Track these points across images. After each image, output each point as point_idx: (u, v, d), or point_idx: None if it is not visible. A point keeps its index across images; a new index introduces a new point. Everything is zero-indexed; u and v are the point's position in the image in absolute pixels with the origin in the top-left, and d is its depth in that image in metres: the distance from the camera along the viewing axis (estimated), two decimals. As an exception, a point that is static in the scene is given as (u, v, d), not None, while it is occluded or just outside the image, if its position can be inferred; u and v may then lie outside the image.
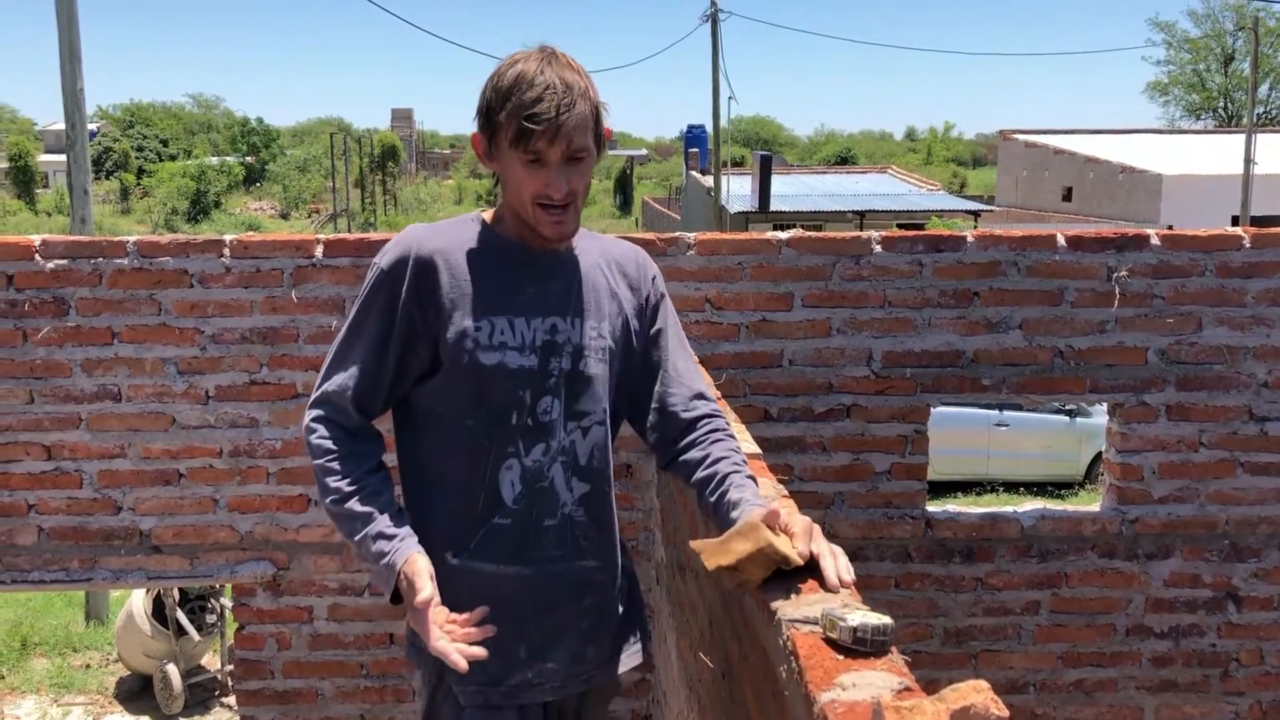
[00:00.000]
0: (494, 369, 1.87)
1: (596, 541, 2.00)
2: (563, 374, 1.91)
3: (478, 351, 1.86)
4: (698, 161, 36.15)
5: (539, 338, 1.90)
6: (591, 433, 1.96)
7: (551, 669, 1.97)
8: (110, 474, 3.53)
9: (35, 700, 6.49)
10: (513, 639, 1.91)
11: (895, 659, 1.33)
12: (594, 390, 1.95)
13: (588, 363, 1.93)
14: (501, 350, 1.87)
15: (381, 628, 3.65)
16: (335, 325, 3.45)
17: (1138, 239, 3.56)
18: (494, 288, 1.89)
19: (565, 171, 1.82)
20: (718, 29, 25.13)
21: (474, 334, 1.86)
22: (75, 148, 8.80)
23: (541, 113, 1.76)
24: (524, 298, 1.91)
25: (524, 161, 1.81)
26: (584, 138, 1.82)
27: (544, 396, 1.91)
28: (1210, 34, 52.93)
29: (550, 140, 1.78)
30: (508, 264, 1.92)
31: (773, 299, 3.53)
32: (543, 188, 1.82)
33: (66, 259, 3.43)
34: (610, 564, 2.04)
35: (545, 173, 1.81)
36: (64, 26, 8.64)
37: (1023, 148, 34.72)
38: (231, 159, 59.22)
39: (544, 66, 1.79)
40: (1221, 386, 3.61)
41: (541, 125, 1.76)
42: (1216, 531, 3.67)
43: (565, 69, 1.81)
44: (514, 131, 1.78)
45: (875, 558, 3.62)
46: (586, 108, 1.81)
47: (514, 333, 1.88)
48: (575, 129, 1.79)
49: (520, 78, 1.78)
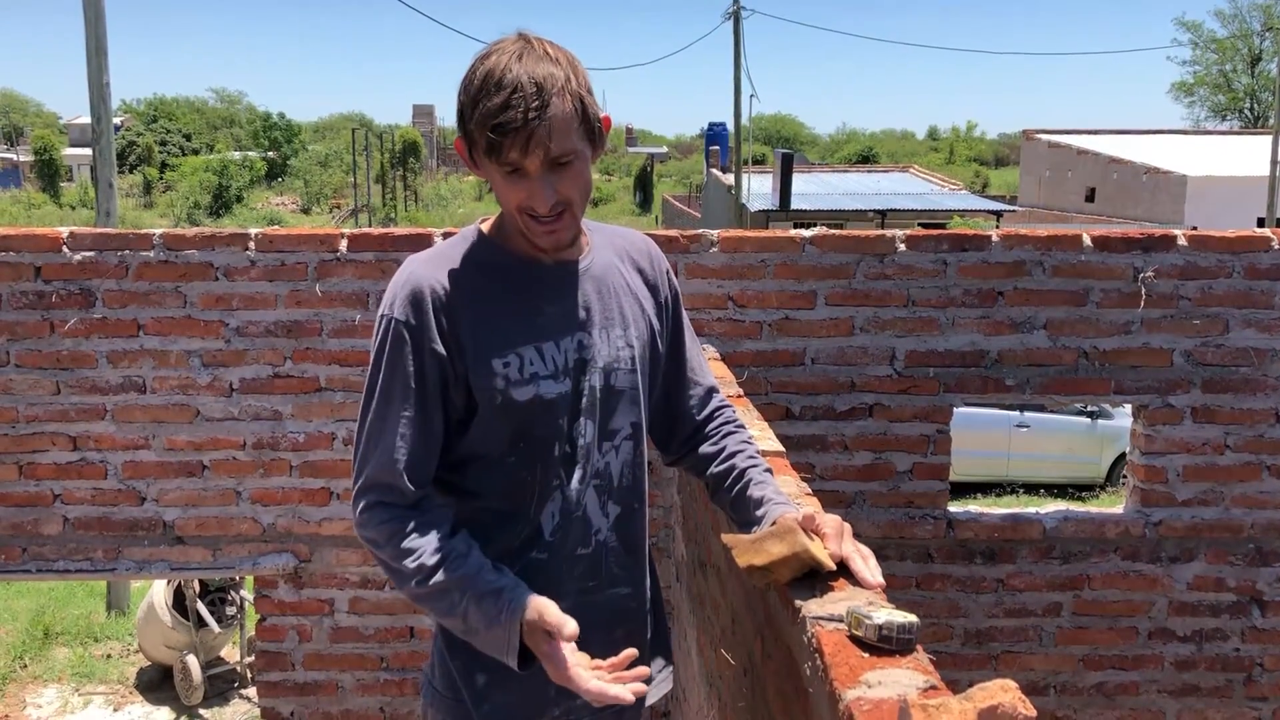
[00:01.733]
0: (530, 404, 1.72)
1: (628, 566, 1.90)
2: (594, 392, 1.79)
3: (510, 389, 1.71)
4: (718, 159, 36.09)
5: (569, 358, 1.76)
6: (622, 449, 1.84)
7: (581, 704, 1.80)
8: (135, 465, 3.55)
9: (57, 689, 6.55)
10: (543, 678, 1.73)
11: (921, 657, 1.33)
12: (625, 404, 1.83)
13: (617, 376, 1.81)
14: (534, 382, 1.72)
15: (402, 621, 3.66)
16: (359, 320, 3.46)
17: (1164, 240, 3.54)
18: (513, 314, 1.74)
19: (550, 180, 1.63)
20: (740, 27, 25.11)
21: (502, 371, 1.71)
22: (101, 142, 8.87)
23: (508, 121, 1.56)
24: (545, 319, 1.75)
25: (502, 173, 1.63)
26: (565, 140, 1.60)
27: (578, 419, 1.78)
28: (1237, 34, 52.49)
29: (524, 150, 1.58)
30: (522, 284, 1.76)
31: (796, 297, 3.52)
32: (526, 201, 1.64)
33: (94, 251, 3.46)
34: (640, 589, 1.94)
35: (527, 184, 1.63)
36: (90, 21, 8.70)
37: (1046, 148, 34.51)
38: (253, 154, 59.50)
39: (513, 62, 1.58)
40: (1248, 389, 3.58)
41: (509, 136, 1.57)
42: (1241, 535, 3.64)
43: (540, 61, 1.59)
44: (485, 144, 1.60)
45: (896, 558, 3.61)
46: (566, 105, 1.59)
47: (544, 360, 1.74)
48: (553, 133, 1.58)
49: (487, 78, 1.58)
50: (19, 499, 3.56)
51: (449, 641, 1.85)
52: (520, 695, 1.82)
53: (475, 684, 1.82)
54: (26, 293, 3.45)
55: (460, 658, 1.83)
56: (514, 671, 1.68)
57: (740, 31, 25.09)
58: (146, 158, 55.95)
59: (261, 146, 64.98)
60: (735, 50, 25.10)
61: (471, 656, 1.80)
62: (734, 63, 25.10)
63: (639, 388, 1.85)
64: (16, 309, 3.46)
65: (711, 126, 38.88)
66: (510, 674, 1.73)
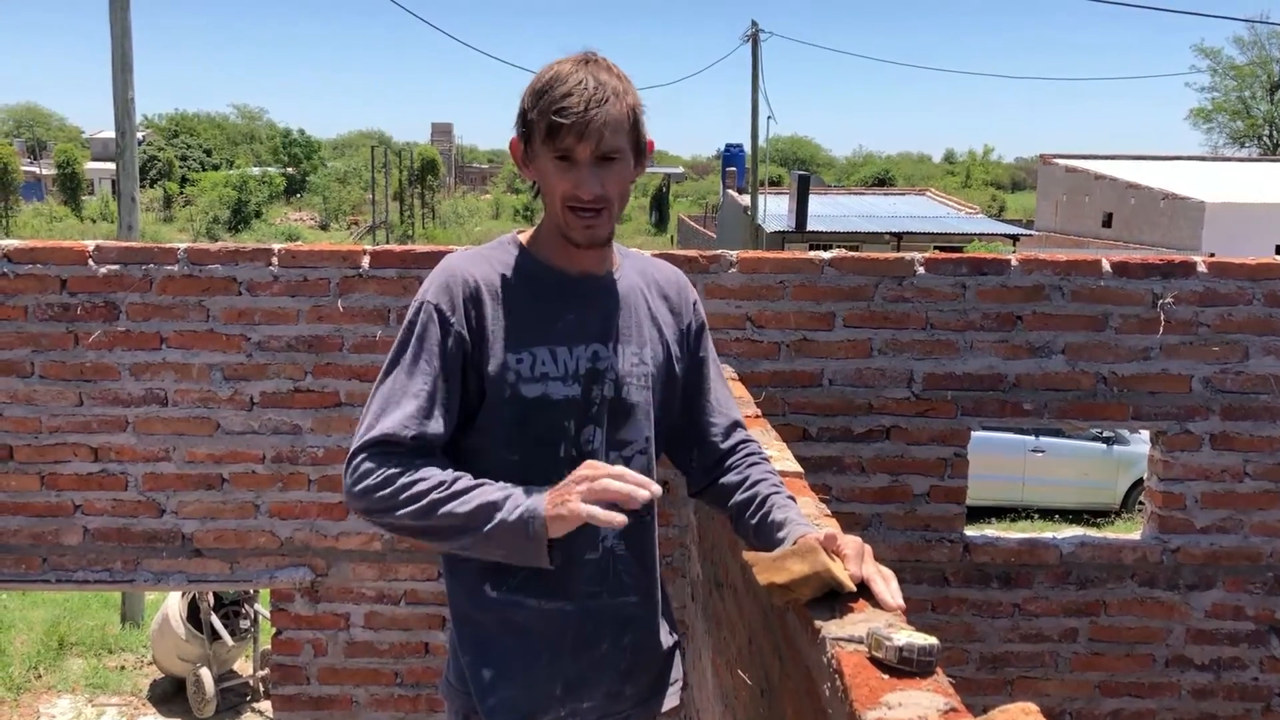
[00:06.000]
0: (537, 401, 1.82)
1: (637, 575, 1.95)
2: (605, 402, 1.86)
3: (520, 384, 1.81)
4: (734, 180, 36.13)
5: (581, 365, 1.84)
6: (634, 462, 1.89)
7: (588, 707, 1.92)
8: (155, 477, 3.58)
9: (70, 700, 6.57)
10: (548, 675, 1.87)
11: (941, 679, 1.33)
12: (636, 419, 1.90)
13: (630, 390, 1.89)
14: (544, 381, 1.82)
15: (417, 637, 3.67)
16: (379, 335, 3.49)
17: (1184, 266, 3.54)
18: (534, 316, 1.84)
19: (596, 172, 1.76)
20: (758, 49, 25.19)
21: (515, 366, 1.81)
22: (124, 156, 8.97)
23: (570, 106, 1.72)
24: (564, 325, 1.85)
25: (554, 160, 1.77)
26: (616, 138, 1.76)
27: (587, 425, 1.85)
28: (1256, 61, 52.31)
29: (579, 136, 1.73)
30: (547, 290, 1.87)
31: (814, 318, 3.53)
32: (572, 188, 1.77)
33: (119, 264, 3.49)
34: (650, 599, 1.99)
35: (575, 172, 1.76)
36: (117, 37, 8.81)
37: (1063, 172, 34.42)
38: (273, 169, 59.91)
39: (579, 67, 1.76)
40: (1268, 416, 3.57)
41: (569, 119, 1.72)
42: (1260, 563, 3.62)
43: (602, 70, 1.77)
44: (544, 129, 1.75)
45: (912, 581, 3.59)
46: (620, 109, 1.76)
47: (556, 362, 1.83)
48: (606, 126, 1.73)
49: (555, 78, 1.75)
50: (40, 509, 3.59)
51: (460, 637, 1.92)
52: (525, 690, 1.87)
53: (482, 678, 1.88)
54: (52, 305, 3.49)
55: (470, 653, 1.90)
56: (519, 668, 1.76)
57: (758, 54, 25.19)
58: (167, 172, 56.36)
59: (281, 162, 65.42)
60: (753, 72, 25.19)
61: (480, 652, 1.88)
62: (751, 84, 25.19)
63: (651, 405, 1.92)
64: (42, 320, 3.50)
65: (728, 148, 38.94)
66: (516, 670, 1.81)
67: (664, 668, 2.06)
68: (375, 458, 1.74)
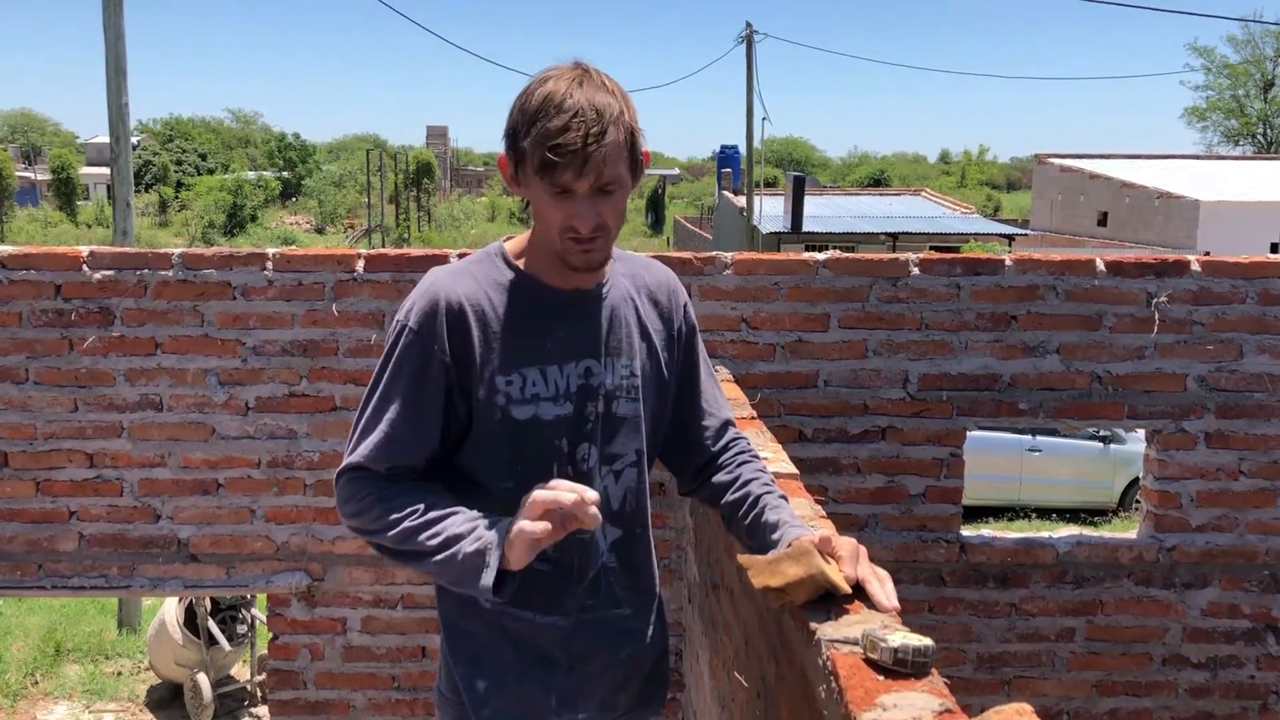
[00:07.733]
0: (528, 423, 1.78)
1: (631, 588, 1.94)
2: (598, 418, 1.83)
3: (510, 406, 1.77)
4: (730, 181, 36.19)
5: (573, 383, 1.80)
6: (624, 476, 1.88)
7: (582, 718, 1.91)
8: (150, 483, 3.57)
9: (68, 706, 6.57)
10: (543, 688, 1.86)
11: (936, 680, 1.33)
12: (627, 431, 1.87)
13: (620, 404, 1.85)
14: (534, 403, 1.78)
15: (414, 641, 3.67)
16: (374, 339, 3.49)
17: (1178, 265, 3.54)
18: (523, 336, 1.78)
19: (594, 203, 1.68)
20: (752, 50, 25.20)
21: (504, 389, 1.76)
22: (119, 161, 8.96)
23: (568, 144, 1.61)
24: (554, 343, 1.80)
25: (550, 193, 1.67)
26: (615, 168, 1.67)
27: (582, 443, 1.82)
28: (1250, 60, 52.41)
29: (577, 173, 1.64)
30: (535, 308, 1.80)
31: (809, 319, 3.54)
32: (568, 220, 1.68)
33: (113, 270, 3.49)
34: (645, 611, 1.98)
35: (572, 205, 1.67)
36: (111, 42, 8.80)
37: (1058, 172, 34.46)
38: (268, 173, 59.87)
39: (574, 88, 1.64)
40: (1262, 415, 3.57)
41: (567, 157, 1.62)
42: (1256, 562, 3.62)
43: (598, 91, 1.66)
44: (538, 161, 1.64)
45: (909, 581, 3.60)
46: (619, 135, 1.66)
47: (547, 382, 1.79)
48: (605, 160, 1.64)
49: (548, 100, 1.63)
50: (35, 515, 3.58)
51: (453, 647, 1.91)
52: (520, 702, 1.86)
53: (476, 690, 1.88)
54: (46, 310, 3.49)
55: (463, 664, 1.89)
56: (513, 680, 1.75)
57: (753, 55, 25.20)
58: (162, 177, 56.35)
59: (276, 166, 65.36)
60: (748, 73, 25.20)
61: (474, 663, 1.88)
62: (746, 86, 25.19)
63: (641, 416, 1.89)
64: (36, 326, 3.49)
65: (723, 149, 39.02)
66: (509, 681, 1.81)
67: (659, 676, 2.06)
68: (353, 482, 1.77)
